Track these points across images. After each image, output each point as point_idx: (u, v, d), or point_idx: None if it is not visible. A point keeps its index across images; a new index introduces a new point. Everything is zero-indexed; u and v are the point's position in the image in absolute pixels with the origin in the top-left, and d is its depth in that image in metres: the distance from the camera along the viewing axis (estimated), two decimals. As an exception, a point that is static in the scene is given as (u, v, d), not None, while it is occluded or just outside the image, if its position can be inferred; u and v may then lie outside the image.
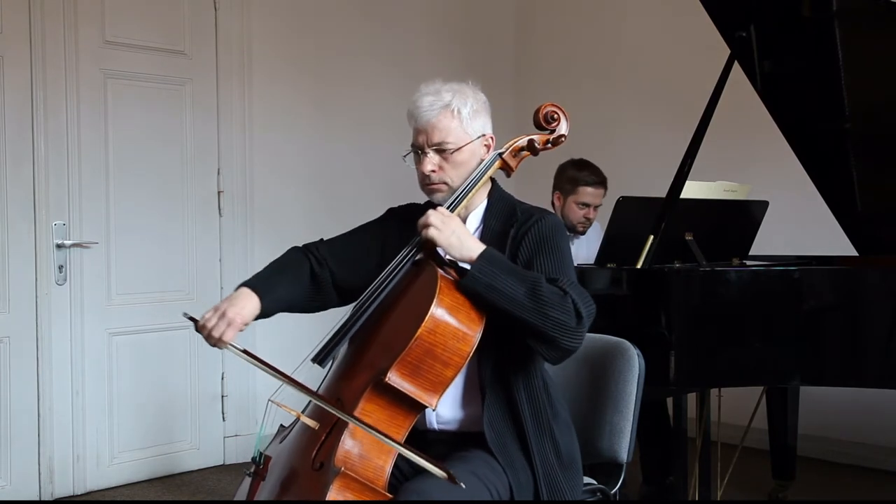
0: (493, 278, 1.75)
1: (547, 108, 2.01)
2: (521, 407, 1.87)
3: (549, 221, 1.93)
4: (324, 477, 1.73)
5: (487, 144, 1.99)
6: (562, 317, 1.74)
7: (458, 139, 1.92)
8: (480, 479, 1.79)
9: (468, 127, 1.93)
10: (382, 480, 1.75)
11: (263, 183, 4.36)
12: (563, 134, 2.03)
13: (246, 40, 4.28)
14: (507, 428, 1.87)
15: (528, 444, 1.87)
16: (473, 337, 1.77)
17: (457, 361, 1.76)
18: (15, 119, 3.61)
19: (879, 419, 3.98)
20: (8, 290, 3.61)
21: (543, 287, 1.75)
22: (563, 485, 1.88)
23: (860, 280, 2.66)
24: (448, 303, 1.75)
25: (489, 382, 1.86)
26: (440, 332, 1.74)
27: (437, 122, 1.91)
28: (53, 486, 3.71)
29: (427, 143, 1.93)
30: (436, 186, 1.95)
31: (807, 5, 3.01)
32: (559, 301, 1.74)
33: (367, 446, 1.76)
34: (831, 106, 3.06)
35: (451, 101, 1.92)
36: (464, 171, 1.94)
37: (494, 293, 1.75)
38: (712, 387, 3.01)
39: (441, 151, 1.92)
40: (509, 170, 2.00)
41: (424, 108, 1.92)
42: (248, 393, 4.28)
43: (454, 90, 1.94)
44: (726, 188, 3.14)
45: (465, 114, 1.92)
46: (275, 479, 1.89)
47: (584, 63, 5.17)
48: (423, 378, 1.75)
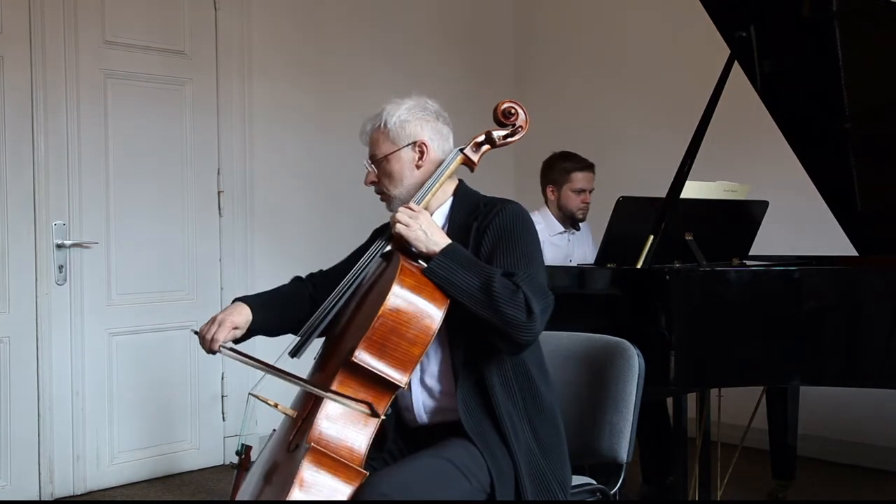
0: (449, 272, 1.83)
1: (504, 105, 2.07)
2: (493, 390, 1.90)
3: (511, 211, 1.98)
4: (297, 455, 1.77)
5: (421, 150, 2.05)
6: (512, 312, 1.79)
7: (384, 149, 2.05)
8: (457, 466, 1.81)
9: (395, 137, 2.05)
10: (359, 458, 1.78)
11: (263, 183, 4.36)
12: (521, 126, 2.09)
13: (246, 40, 4.28)
14: (481, 411, 1.89)
15: (504, 429, 1.88)
16: (438, 315, 1.82)
17: (423, 339, 1.81)
18: (15, 119, 3.61)
19: (879, 419, 3.98)
20: (8, 290, 3.61)
21: (496, 282, 1.81)
22: (547, 473, 1.89)
23: (860, 280, 2.66)
24: (410, 283, 1.82)
25: (461, 366, 1.90)
26: (404, 309, 1.80)
27: (370, 138, 2.09)
28: (53, 486, 3.71)
29: (367, 158, 2.10)
30: (382, 196, 2.10)
31: (807, 5, 3.01)
32: (510, 296, 1.80)
33: (341, 425, 1.80)
34: (831, 106, 3.06)
35: (378, 117, 2.07)
36: (396, 178, 2.05)
37: (450, 286, 1.83)
38: (712, 387, 3.01)
39: (375, 163, 2.08)
40: (471, 165, 2.07)
41: (365, 129, 2.11)
42: (247, 393, 4.27)
43: (392, 105, 2.07)
44: (726, 188, 3.14)
45: (391, 124, 2.04)
46: (258, 470, 1.95)
47: (584, 63, 5.17)
48: (389, 356, 1.80)
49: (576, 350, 2.28)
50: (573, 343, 2.30)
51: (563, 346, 2.30)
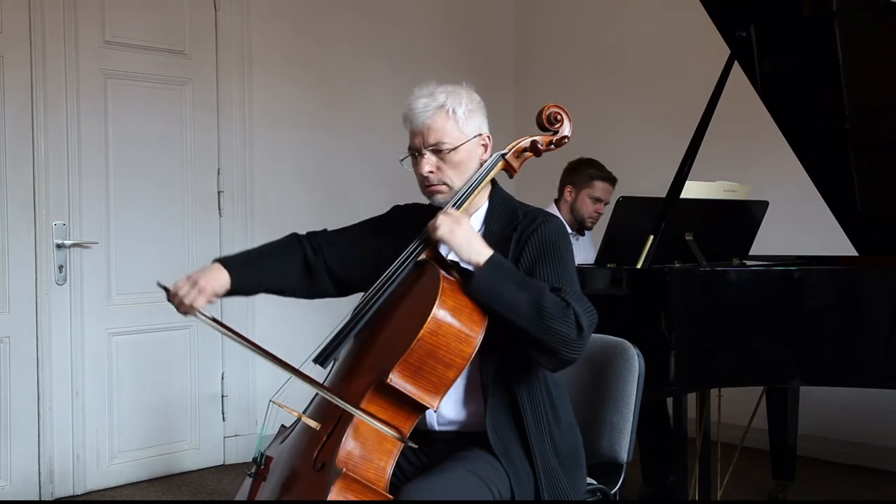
0: (497, 286, 1.76)
1: (550, 110, 2.00)
2: (523, 407, 1.87)
3: (553, 226, 1.93)
4: (325, 478, 1.73)
5: (484, 144, 1.98)
6: (563, 329, 1.74)
7: (454, 139, 1.92)
8: (482, 478, 1.79)
9: (464, 127, 1.93)
10: (384, 481, 1.76)
11: (263, 183, 4.36)
12: (567, 135, 2.02)
13: (246, 40, 4.28)
14: (509, 429, 1.87)
15: (528, 444, 1.86)
16: (475, 338, 1.77)
17: (459, 363, 1.76)
18: (15, 119, 3.61)
19: (879, 419, 3.98)
20: (8, 290, 3.61)
21: (547, 298, 1.75)
22: (565, 485, 1.88)
23: (860, 280, 2.66)
24: (450, 304, 1.76)
25: (491, 384, 1.86)
26: (442, 333, 1.74)
27: (433, 122, 1.91)
28: (53, 486, 3.71)
29: (423, 145, 1.93)
30: (435, 188, 1.95)
31: (807, 5, 3.01)
32: (561, 313, 1.75)
33: (369, 447, 1.76)
34: (831, 106, 3.06)
35: (445, 102, 1.92)
36: (462, 171, 1.94)
37: (498, 301, 1.76)
38: (712, 387, 3.00)
39: (438, 152, 1.92)
40: (512, 171, 2.00)
41: (419, 110, 1.92)
42: (248, 393, 4.28)
43: (448, 91, 1.95)
44: (726, 188, 3.14)
45: (461, 113, 1.92)
46: (276, 479, 1.89)
47: (584, 63, 5.17)
48: (424, 379, 1.75)
49: (576, 350, 2.27)
50: (573, 343, 2.29)
51: (563, 346, 2.29)
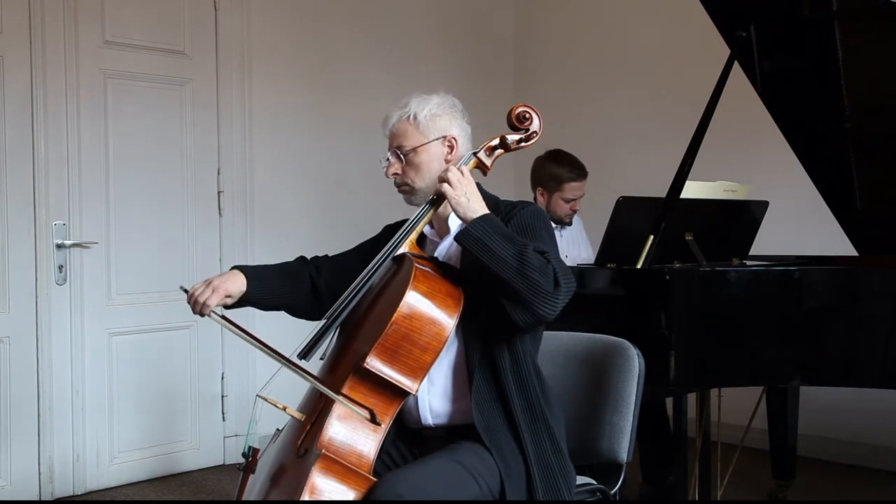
0: (485, 235, 1.83)
1: (519, 109, 2.05)
2: (510, 391, 1.90)
3: (531, 210, 2.02)
4: (307, 461, 1.77)
5: (450, 145, 2.06)
6: (541, 280, 1.79)
7: (413, 141, 2.04)
8: (468, 470, 1.81)
9: (426, 129, 2.04)
10: (367, 465, 1.79)
11: (263, 183, 4.36)
12: (536, 131, 2.07)
13: (246, 40, 4.28)
14: (495, 411, 1.89)
15: (518, 429, 1.88)
16: (451, 321, 1.83)
17: (434, 346, 1.82)
18: (15, 119, 3.61)
19: (879, 419, 3.98)
20: (8, 290, 3.61)
21: (530, 251, 1.82)
22: (556, 472, 1.89)
23: (860, 280, 2.66)
24: (423, 289, 1.82)
25: (476, 366, 1.90)
26: (416, 316, 1.81)
27: (396, 129, 2.06)
28: (53, 486, 3.71)
29: (388, 149, 2.08)
30: (401, 189, 2.08)
31: (807, 5, 3.01)
32: (541, 266, 1.81)
33: (350, 431, 1.80)
34: (831, 106, 3.06)
35: (408, 109, 2.05)
36: (423, 171, 2.04)
37: (483, 250, 1.82)
38: (712, 387, 3.00)
39: (400, 155, 2.05)
40: (485, 168, 2.06)
41: (391, 120, 2.07)
42: (248, 393, 4.27)
43: (420, 99, 2.07)
44: (726, 188, 3.14)
45: (422, 117, 2.04)
46: (264, 471, 1.94)
47: (584, 63, 5.17)
48: (401, 363, 1.81)
49: (576, 350, 2.28)
50: (573, 343, 2.30)
51: (564, 346, 2.30)
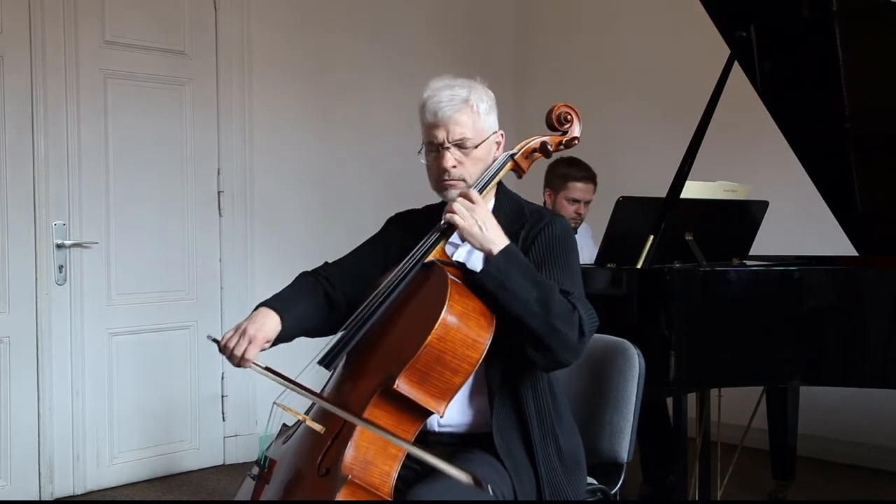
0: (507, 278, 1.73)
1: (560, 109, 1.98)
2: (528, 410, 1.86)
3: (560, 226, 1.92)
4: (330, 484, 1.71)
5: (498, 142, 1.98)
6: (566, 331, 1.73)
7: (476, 135, 1.91)
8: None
9: (484, 123, 1.92)
10: (388, 486, 1.74)
11: (263, 183, 4.36)
12: (576, 136, 1.99)
13: (246, 40, 4.28)
14: (514, 432, 1.86)
15: (532, 446, 1.86)
16: (483, 344, 1.75)
17: (465, 368, 1.74)
18: (15, 119, 3.61)
19: (879, 419, 3.98)
20: (8, 290, 3.61)
21: (555, 298, 1.74)
22: (566, 487, 1.88)
23: (860, 280, 2.66)
24: (459, 309, 1.74)
25: (498, 387, 1.85)
26: (450, 339, 1.72)
27: (459, 117, 1.89)
28: (53, 486, 3.71)
29: (447, 139, 1.90)
30: (453, 182, 1.91)
31: (807, 5, 3.01)
32: (567, 315, 1.74)
33: (374, 452, 1.75)
34: (831, 106, 3.05)
35: (469, 97, 1.90)
36: (481, 167, 1.92)
37: (506, 293, 1.73)
38: (712, 387, 3.01)
39: (461, 147, 1.90)
40: (521, 171, 1.98)
41: (444, 102, 1.89)
42: (248, 393, 4.27)
43: (468, 86, 1.93)
44: (726, 188, 3.14)
45: (482, 110, 1.91)
46: (279, 482, 1.87)
47: (584, 62, 5.17)
48: (431, 385, 1.73)
49: (576, 350, 2.27)
50: (573, 343, 2.29)
51: (564, 346, 2.29)
